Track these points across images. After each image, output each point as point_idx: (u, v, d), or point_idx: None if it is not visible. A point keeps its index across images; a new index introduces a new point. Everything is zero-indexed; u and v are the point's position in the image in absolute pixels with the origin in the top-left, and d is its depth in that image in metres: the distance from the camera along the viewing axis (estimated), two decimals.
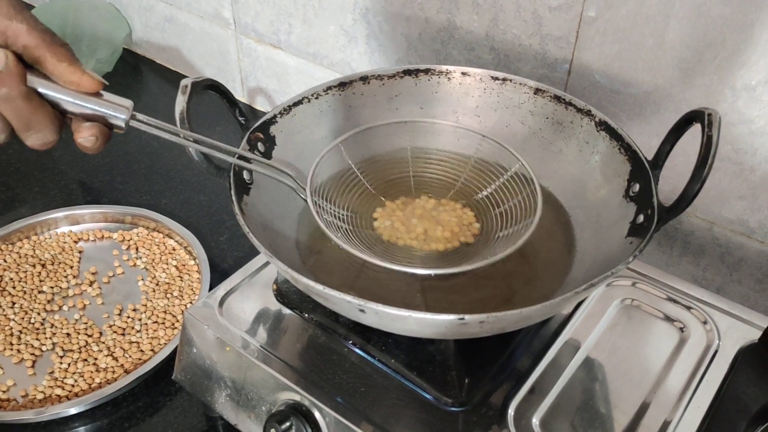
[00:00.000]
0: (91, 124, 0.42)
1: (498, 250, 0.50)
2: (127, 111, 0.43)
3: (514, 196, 0.55)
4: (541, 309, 0.41)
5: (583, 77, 0.65)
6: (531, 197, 0.53)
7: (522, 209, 0.53)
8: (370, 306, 0.41)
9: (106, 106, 0.42)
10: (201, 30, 1.00)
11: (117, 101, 0.43)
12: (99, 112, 0.42)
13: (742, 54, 0.55)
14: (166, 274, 0.73)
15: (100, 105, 0.42)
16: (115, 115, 0.43)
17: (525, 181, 0.55)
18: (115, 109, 0.42)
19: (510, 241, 0.51)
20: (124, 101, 0.43)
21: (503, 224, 0.54)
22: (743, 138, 0.58)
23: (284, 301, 0.57)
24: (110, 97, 0.43)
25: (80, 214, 0.79)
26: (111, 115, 0.42)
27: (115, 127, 0.43)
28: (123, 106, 0.43)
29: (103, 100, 0.42)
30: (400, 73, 0.62)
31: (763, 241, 0.61)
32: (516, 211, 0.54)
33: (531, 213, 0.52)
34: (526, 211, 0.53)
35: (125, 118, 0.43)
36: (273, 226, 0.53)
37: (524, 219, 0.52)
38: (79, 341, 0.65)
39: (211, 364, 0.55)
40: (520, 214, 0.53)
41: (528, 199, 0.53)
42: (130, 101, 0.43)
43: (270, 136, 0.57)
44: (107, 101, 0.42)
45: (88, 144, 0.42)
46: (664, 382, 0.51)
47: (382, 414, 0.49)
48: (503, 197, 0.56)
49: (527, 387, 0.51)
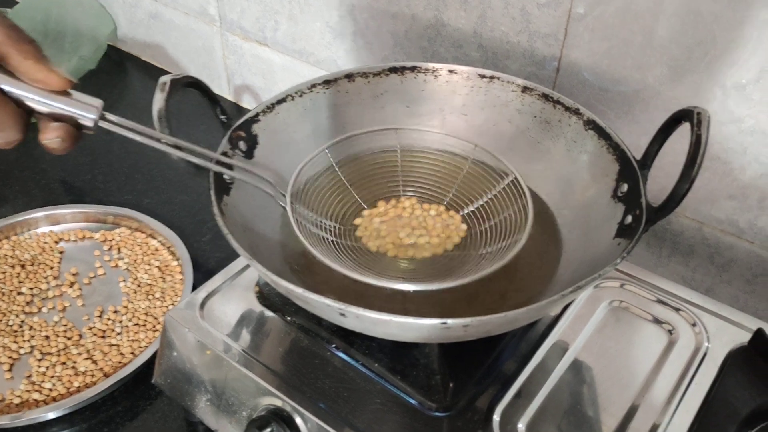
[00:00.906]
0: (57, 125, 0.40)
1: (485, 261, 0.50)
2: (97, 111, 0.41)
3: (505, 208, 0.54)
4: (527, 312, 0.40)
5: (571, 75, 0.64)
6: (522, 211, 0.52)
7: (512, 221, 0.52)
8: (350, 310, 0.39)
9: (74, 106, 0.40)
10: (186, 26, 0.99)
11: (86, 100, 0.41)
12: (66, 111, 0.40)
13: (733, 52, 0.54)
14: (148, 275, 0.71)
15: (67, 104, 0.40)
16: (84, 115, 0.41)
17: (516, 192, 0.53)
18: (83, 109, 0.41)
19: (498, 254, 0.50)
20: (94, 100, 0.41)
21: (491, 238, 0.53)
22: (733, 137, 0.57)
23: (266, 303, 0.56)
24: (79, 96, 0.41)
25: (61, 214, 0.77)
26: (79, 115, 0.41)
27: (84, 127, 0.42)
28: (92, 106, 0.41)
29: (72, 99, 0.41)
30: (386, 71, 0.61)
31: (752, 242, 0.60)
32: (506, 223, 0.53)
33: (522, 225, 0.50)
34: (516, 222, 0.52)
35: (94, 118, 0.41)
36: (254, 227, 0.52)
37: (514, 232, 0.51)
38: (58, 344, 0.64)
39: (191, 368, 0.54)
40: (509, 221, 0.52)
41: (517, 208, 0.52)
42: (99, 101, 0.42)
43: (252, 135, 0.56)
44: (75, 100, 0.41)
45: (54, 145, 0.41)
46: (652, 385, 0.50)
47: (365, 419, 0.48)
48: (494, 208, 0.55)
49: (513, 391, 0.50)
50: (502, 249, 0.50)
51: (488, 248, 0.52)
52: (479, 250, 0.52)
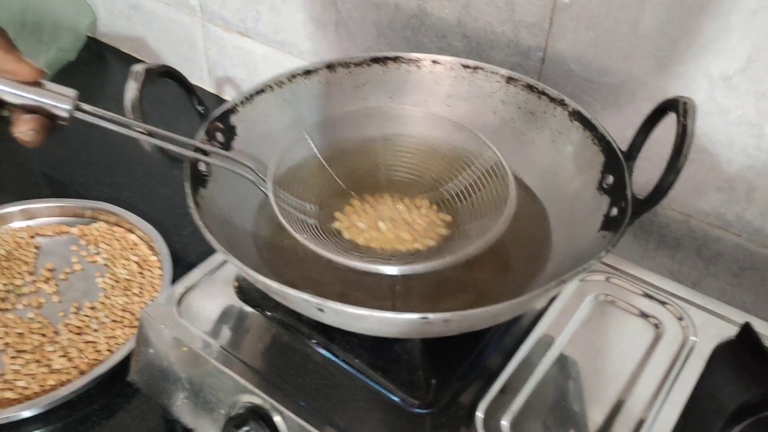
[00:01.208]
0: (30, 117, 0.39)
1: (469, 245, 0.48)
2: (71, 101, 0.40)
3: (486, 187, 0.52)
4: (509, 307, 0.39)
5: (557, 65, 0.63)
6: (503, 190, 0.51)
7: (494, 202, 0.51)
8: (329, 305, 0.38)
9: (47, 96, 0.39)
10: (167, 17, 0.97)
11: (60, 90, 0.40)
12: (39, 102, 0.39)
13: (719, 42, 0.53)
14: (126, 270, 0.70)
15: (40, 95, 0.39)
16: (58, 106, 0.40)
17: (498, 173, 0.52)
18: (57, 99, 0.40)
19: (481, 236, 0.49)
20: (68, 90, 0.40)
21: (474, 218, 0.52)
22: (720, 128, 0.56)
23: (245, 298, 0.54)
24: (52, 86, 0.40)
25: (37, 209, 0.76)
26: (53, 106, 0.40)
27: (58, 118, 0.40)
28: (66, 96, 0.40)
29: (44, 89, 0.40)
30: (368, 61, 0.60)
31: (740, 235, 0.60)
32: (488, 204, 0.52)
33: (502, 205, 0.49)
34: (498, 204, 0.51)
35: (69, 109, 0.40)
36: (233, 220, 0.51)
37: (496, 212, 0.50)
38: (32, 341, 0.62)
39: (168, 365, 0.52)
40: (492, 207, 0.51)
41: (500, 192, 0.51)
42: (74, 90, 0.41)
43: (230, 126, 0.54)
44: (48, 91, 0.40)
45: (27, 138, 0.40)
46: (638, 379, 0.50)
47: (346, 417, 0.46)
48: (475, 190, 0.54)
49: (498, 386, 0.49)
50: (487, 228, 0.49)
51: (472, 224, 0.51)
52: (463, 229, 0.51)
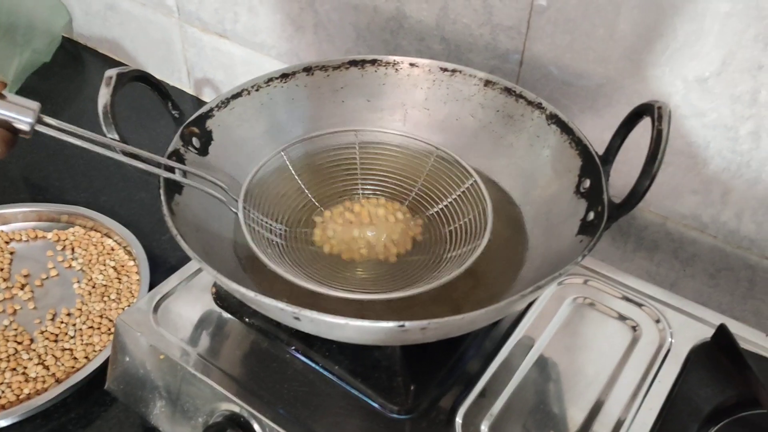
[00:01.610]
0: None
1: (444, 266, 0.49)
2: (33, 113, 0.39)
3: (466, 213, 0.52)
4: (485, 314, 0.39)
5: (534, 68, 0.63)
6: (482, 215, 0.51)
7: (473, 225, 0.51)
8: (305, 314, 0.38)
9: (8, 108, 0.38)
10: (144, 18, 0.96)
11: (21, 103, 0.39)
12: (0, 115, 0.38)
13: (694, 45, 0.53)
14: (103, 276, 0.69)
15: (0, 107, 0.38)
16: (19, 119, 0.39)
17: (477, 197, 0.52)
18: (18, 112, 0.39)
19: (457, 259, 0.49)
20: (30, 103, 0.39)
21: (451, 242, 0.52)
22: (696, 131, 0.57)
23: (224, 305, 0.54)
24: (13, 98, 0.39)
25: (11, 213, 0.75)
26: (13, 119, 0.39)
27: (20, 131, 0.39)
28: (28, 109, 0.39)
29: (5, 101, 0.38)
30: (346, 64, 0.60)
31: (716, 236, 0.60)
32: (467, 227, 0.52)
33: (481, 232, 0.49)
34: (477, 227, 0.51)
35: (30, 122, 0.39)
36: (209, 227, 0.50)
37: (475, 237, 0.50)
38: (7, 349, 0.61)
39: (144, 374, 0.52)
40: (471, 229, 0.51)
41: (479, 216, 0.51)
42: (36, 103, 0.39)
43: (206, 131, 0.54)
44: (9, 103, 0.38)
45: None
46: (617, 381, 0.50)
47: (325, 424, 0.46)
48: (454, 211, 0.53)
49: (477, 390, 0.49)
50: (463, 255, 0.49)
51: (449, 253, 0.51)
52: (439, 253, 0.51)
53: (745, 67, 0.52)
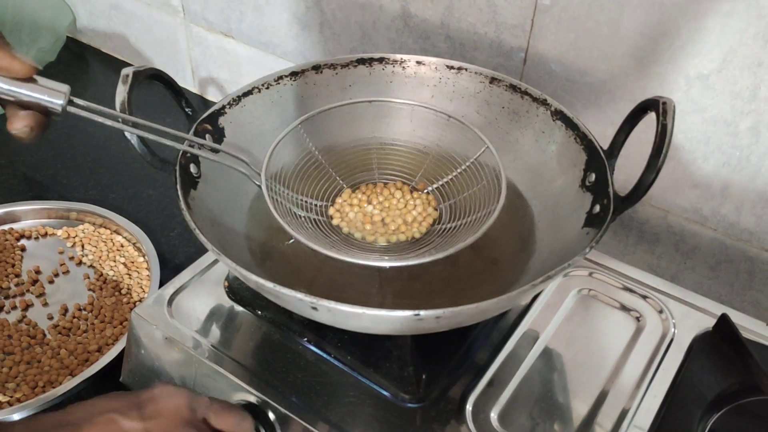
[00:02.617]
0: (26, 113, 0.41)
1: (458, 239, 0.50)
2: (64, 96, 0.41)
3: (476, 182, 0.54)
4: (498, 303, 0.40)
5: (538, 66, 0.64)
6: (495, 183, 0.52)
7: (484, 196, 0.52)
8: (322, 303, 0.39)
9: (41, 92, 0.41)
10: (149, 17, 0.97)
11: (52, 86, 0.41)
12: (33, 98, 0.41)
13: (696, 43, 0.55)
14: (113, 272, 0.70)
15: (33, 90, 0.41)
16: (51, 101, 0.41)
17: (488, 168, 0.53)
18: (50, 95, 0.41)
19: (471, 230, 0.50)
20: (61, 86, 0.41)
21: (465, 212, 0.53)
22: (696, 127, 0.58)
23: (236, 298, 0.55)
24: (45, 82, 0.41)
25: (22, 211, 0.75)
26: (47, 101, 0.41)
27: (52, 113, 0.41)
28: (59, 91, 0.41)
29: (38, 85, 0.41)
30: (354, 62, 0.61)
31: (716, 229, 0.62)
32: (478, 198, 0.53)
33: (494, 200, 0.50)
34: (488, 198, 0.52)
35: (62, 104, 0.41)
36: (222, 221, 0.51)
37: (486, 207, 0.51)
38: (21, 343, 0.62)
39: (159, 365, 0.53)
40: (482, 201, 0.52)
41: (491, 186, 0.52)
42: (66, 86, 0.42)
43: (219, 128, 0.55)
44: (42, 86, 0.41)
45: (23, 134, 0.41)
46: (621, 371, 0.51)
47: (338, 412, 0.47)
48: (466, 184, 0.55)
49: (486, 380, 0.50)
50: (477, 220, 0.50)
51: (464, 219, 0.52)
52: (455, 221, 0.53)
53: (746, 64, 0.53)
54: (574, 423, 0.48)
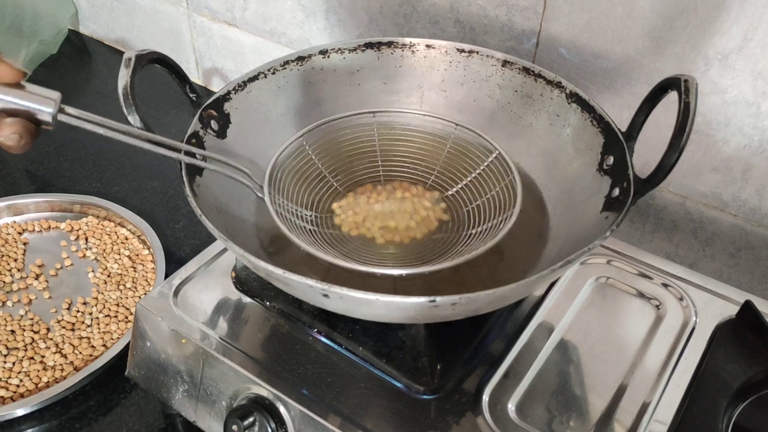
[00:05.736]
0: (13, 120, 0.37)
1: (474, 241, 0.48)
2: (54, 104, 0.38)
3: (492, 187, 0.52)
4: (516, 288, 0.38)
5: (551, 49, 0.62)
6: (509, 188, 0.50)
7: (500, 199, 0.51)
8: (334, 290, 0.38)
9: (30, 99, 0.37)
10: (151, 8, 0.95)
11: (42, 93, 0.38)
12: (21, 106, 0.37)
13: (715, 21, 0.53)
14: (118, 265, 0.69)
15: (21, 97, 0.37)
16: (40, 109, 0.37)
17: (502, 169, 0.52)
18: (40, 102, 0.37)
19: (487, 234, 0.48)
20: (51, 93, 0.38)
21: (479, 218, 0.51)
22: (716, 108, 0.56)
23: (244, 289, 0.53)
24: (34, 88, 0.38)
25: (24, 204, 0.74)
26: (35, 109, 0.37)
27: (42, 122, 0.38)
28: (49, 99, 0.38)
29: (26, 92, 0.37)
30: (362, 47, 0.59)
31: (736, 215, 0.60)
32: (494, 201, 0.51)
33: (510, 203, 0.49)
34: (504, 200, 0.50)
35: (52, 112, 0.38)
36: (229, 209, 0.50)
37: (503, 210, 0.50)
38: (24, 338, 0.61)
39: (166, 359, 0.52)
40: (498, 203, 0.51)
41: (506, 189, 0.51)
42: (57, 93, 0.38)
43: (224, 114, 0.53)
44: (30, 93, 0.37)
45: (11, 143, 0.37)
46: (641, 362, 0.50)
47: (350, 405, 0.46)
48: (480, 187, 0.53)
49: (502, 371, 0.48)
50: (492, 228, 0.49)
51: (477, 228, 0.50)
52: (468, 230, 0.51)
53: (767, 41, 0.51)
54: (593, 417, 0.46)
